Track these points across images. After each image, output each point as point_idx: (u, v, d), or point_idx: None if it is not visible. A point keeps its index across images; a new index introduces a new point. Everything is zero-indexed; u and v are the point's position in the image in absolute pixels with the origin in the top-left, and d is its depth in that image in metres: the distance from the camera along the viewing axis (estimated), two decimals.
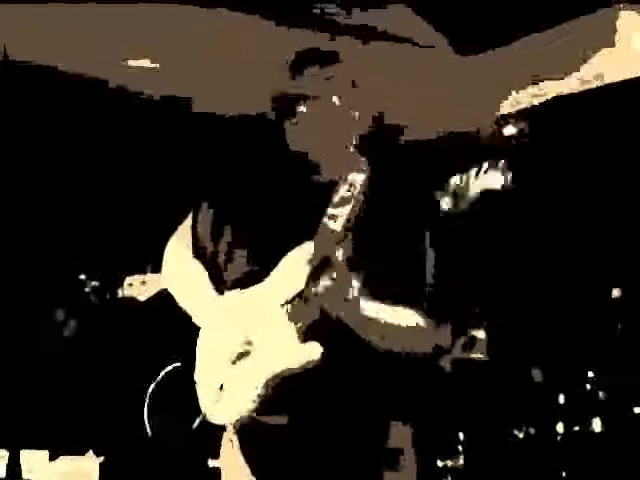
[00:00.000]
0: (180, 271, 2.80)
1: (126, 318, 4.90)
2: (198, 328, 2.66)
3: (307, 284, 2.43)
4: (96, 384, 5.15)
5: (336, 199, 2.55)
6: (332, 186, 2.56)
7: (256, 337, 2.50)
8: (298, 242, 2.51)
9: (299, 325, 2.44)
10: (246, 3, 5.01)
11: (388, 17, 5.03)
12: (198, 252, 2.77)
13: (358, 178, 2.55)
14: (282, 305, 2.47)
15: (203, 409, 2.53)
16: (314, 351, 2.42)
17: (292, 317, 2.45)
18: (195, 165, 5.42)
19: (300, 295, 2.44)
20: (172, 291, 2.82)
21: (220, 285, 2.67)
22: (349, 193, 2.54)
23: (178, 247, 2.84)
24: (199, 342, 2.64)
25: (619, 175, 5.36)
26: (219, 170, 4.85)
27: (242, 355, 2.50)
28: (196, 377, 2.60)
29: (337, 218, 2.51)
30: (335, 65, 2.60)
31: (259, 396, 2.44)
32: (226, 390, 2.49)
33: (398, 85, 5.37)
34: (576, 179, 5.52)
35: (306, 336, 2.43)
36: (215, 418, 2.52)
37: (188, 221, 2.83)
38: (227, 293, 2.63)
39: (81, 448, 4.74)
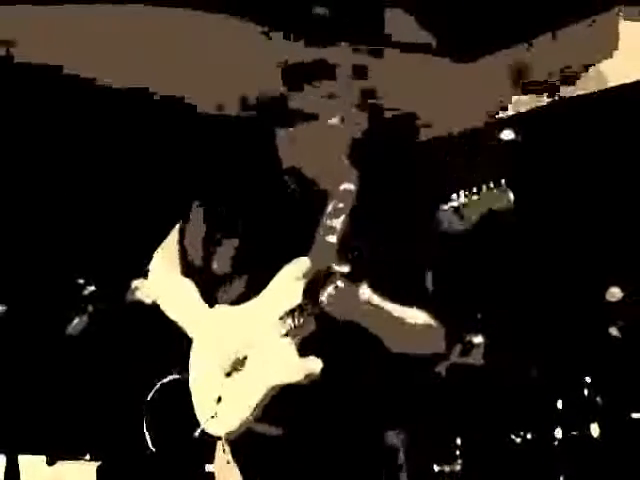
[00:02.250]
0: (168, 286, 2.78)
1: (127, 323, 4.90)
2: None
3: (305, 297, 2.42)
4: (93, 389, 5.14)
5: (330, 210, 2.54)
6: (322, 196, 2.56)
7: (252, 350, 2.49)
8: (291, 253, 2.49)
9: (296, 338, 2.43)
10: (244, 9, 5.02)
11: (387, 23, 5.04)
12: (187, 268, 2.75)
13: (350, 188, 2.55)
14: (279, 319, 2.46)
15: (200, 421, 2.52)
16: (314, 365, 2.40)
17: (289, 330, 2.44)
18: (195, 168, 5.42)
19: (297, 309, 2.43)
20: (162, 305, 2.80)
21: (212, 300, 2.67)
22: (342, 205, 2.54)
23: (164, 262, 2.82)
24: (192, 354, 2.63)
25: (615, 178, 5.37)
26: (213, 177, 4.86)
27: (238, 366, 2.49)
28: (191, 389, 2.59)
29: (333, 230, 2.50)
30: (336, 82, 2.59)
31: (256, 407, 2.43)
32: (223, 401, 2.48)
33: (396, 90, 5.37)
34: (573, 183, 5.52)
35: (303, 348, 2.42)
36: (212, 429, 2.52)
37: (173, 235, 2.81)
38: (220, 307, 2.63)
39: (78, 452, 4.73)
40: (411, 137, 5.62)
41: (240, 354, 2.49)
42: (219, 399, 2.48)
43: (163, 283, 2.81)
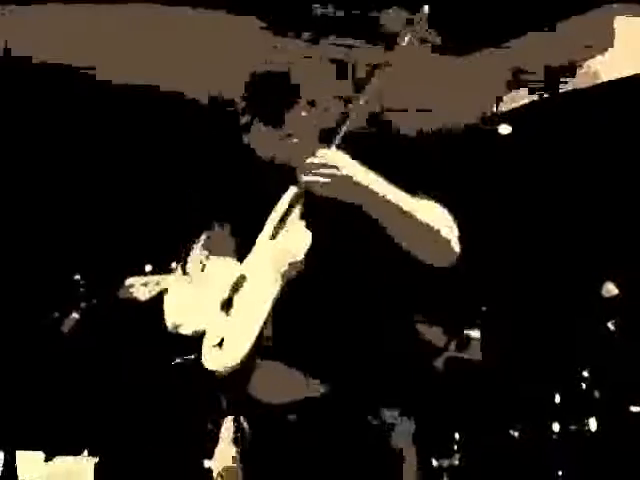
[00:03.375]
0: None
1: (122, 319, 4.90)
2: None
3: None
4: (90, 385, 5.13)
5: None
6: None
7: (244, 270, 2.51)
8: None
9: (298, 210, 2.44)
10: (243, 6, 5.03)
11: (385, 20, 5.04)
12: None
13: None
14: (271, 236, 2.48)
15: (204, 358, 2.51)
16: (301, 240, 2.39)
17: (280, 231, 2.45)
18: (186, 163, 5.42)
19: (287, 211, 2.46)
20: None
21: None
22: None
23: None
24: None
25: (611, 174, 5.38)
26: (199, 169, 4.86)
27: (234, 293, 2.50)
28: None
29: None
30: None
31: (260, 325, 2.42)
32: (225, 334, 2.47)
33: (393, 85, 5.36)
34: (569, 178, 5.54)
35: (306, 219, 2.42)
36: (213, 364, 2.50)
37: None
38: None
39: (76, 448, 4.72)
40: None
41: (235, 280, 2.51)
42: (221, 340, 2.48)
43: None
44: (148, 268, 3.88)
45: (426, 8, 2.44)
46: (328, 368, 2.43)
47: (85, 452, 4.68)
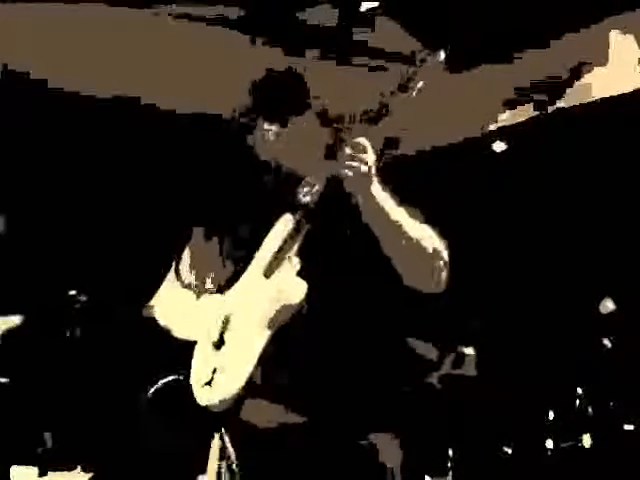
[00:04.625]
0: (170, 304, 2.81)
1: (120, 334, 4.91)
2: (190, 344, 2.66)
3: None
4: (85, 400, 5.13)
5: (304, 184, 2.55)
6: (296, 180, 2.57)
7: (235, 306, 2.52)
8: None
9: (292, 251, 2.45)
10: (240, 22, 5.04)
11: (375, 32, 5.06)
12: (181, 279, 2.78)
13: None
14: (265, 274, 2.48)
15: (195, 392, 2.53)
16: (296, 290, 2.40)
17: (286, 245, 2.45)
18: (187, 179, 5.42)
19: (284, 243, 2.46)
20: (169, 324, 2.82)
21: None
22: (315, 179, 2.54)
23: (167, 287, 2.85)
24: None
25: (607, 191, 5.38)
26: (199, 182, 4.85)
27: (225, 330, 2.50)
28: (191, 380, 2.59)
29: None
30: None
31: (250, 373, 2.42)
32: (218, 371, 2.48)
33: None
34: (565, 195, 5.54)
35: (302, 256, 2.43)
36: (206, 398, 2.51)
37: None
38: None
39: (70, 464, 4.72)
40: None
41: (225, 316, 2.51)
42: (214, 370, 2.49)
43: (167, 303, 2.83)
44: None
45: (442, 54, 2.46)
46: (317, 388, 2.44)
47: (78, 468, 4.68)
